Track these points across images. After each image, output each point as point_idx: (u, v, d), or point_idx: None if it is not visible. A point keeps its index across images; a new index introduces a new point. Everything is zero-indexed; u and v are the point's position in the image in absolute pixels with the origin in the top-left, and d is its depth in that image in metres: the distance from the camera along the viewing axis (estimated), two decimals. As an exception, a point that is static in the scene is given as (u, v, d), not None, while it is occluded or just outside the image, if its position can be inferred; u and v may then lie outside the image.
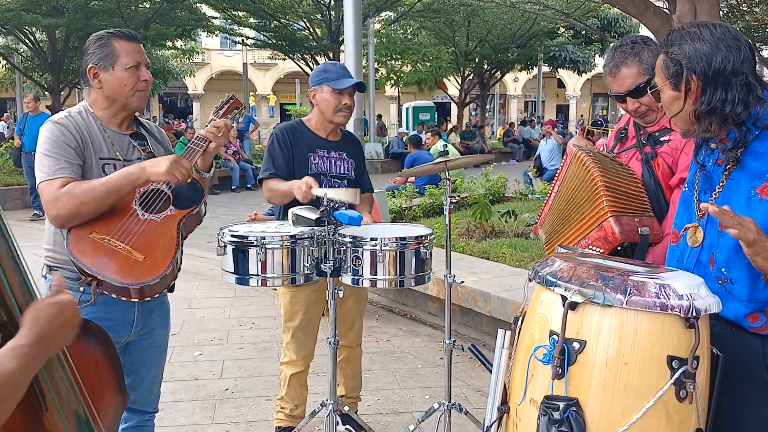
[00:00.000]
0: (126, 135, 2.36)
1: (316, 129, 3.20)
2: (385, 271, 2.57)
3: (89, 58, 2.27)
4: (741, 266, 1.70)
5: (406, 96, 33.44)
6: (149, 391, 2.52)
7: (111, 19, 17.28)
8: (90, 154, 2.23)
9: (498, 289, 4.73)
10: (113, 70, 2.25)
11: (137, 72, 2.28)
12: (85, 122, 2.27)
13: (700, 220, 1.82)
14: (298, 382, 3.29)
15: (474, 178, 9.33)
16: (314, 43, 21.10)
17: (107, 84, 2.26)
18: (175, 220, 2.27)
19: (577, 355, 1.56)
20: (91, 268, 2.08)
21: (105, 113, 2.31)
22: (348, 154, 3.24)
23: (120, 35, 2.28)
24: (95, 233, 2.15)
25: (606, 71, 2.45)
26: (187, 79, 30.88)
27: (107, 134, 2.30)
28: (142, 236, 2.17)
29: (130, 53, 2.27)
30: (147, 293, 2.17)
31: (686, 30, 1.77)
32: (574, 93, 41.27)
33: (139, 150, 2.36)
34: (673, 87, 1.77)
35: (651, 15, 6.46)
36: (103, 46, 2.26)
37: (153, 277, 2.13)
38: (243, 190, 14.74)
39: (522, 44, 23.97)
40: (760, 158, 1.71)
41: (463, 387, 4.08)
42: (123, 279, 2.10)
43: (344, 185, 3.18)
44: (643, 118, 2.43)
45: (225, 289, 6.22)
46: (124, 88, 2.26)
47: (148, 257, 2.15)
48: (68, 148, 2.18)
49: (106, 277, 2.09)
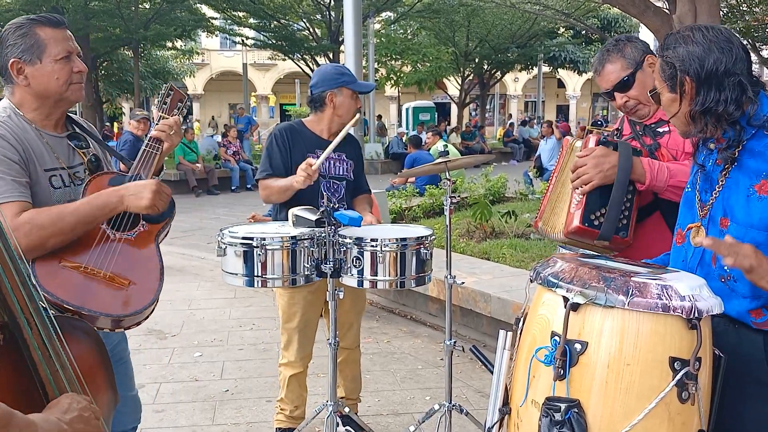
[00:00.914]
0: (63, 138, 2.09)
1: (320, 130, 3.18)
2: (386, 272, 2.56)
3: (10, 51, 1.95)
4: None
5: (406, 96, 33.46)
6: (131, 409, 2.36)
7: (111, 20, 17.33)
8: (34, 166, 1.95)
9: (498, 290, 4.73)
10: (41, 63, 1.96)
11: (69, 63, 2.00)
12: (20, 128, 1.97)
13: (702, 219, 1.85)
14: (298, 384, 3.29)
15: (474, 179, 9.33)
16: (314, 44, 21.11)
17: (35, 80, 1.97)
18: (151, 236, 2.06)
19: (578, 357, 1.56)
20: (73, 303, 1.83)
21: (36, 114, 2.02)
22: (348, 155, 3.23)
23: (44, 21, 1.99)
24: (65, 262, 1.89)
25: (593, 72, 2.54)
26: (187, 79, 30.86)
27: (45, 139, 2.02)
28: (120, 259, 1.96)
29: (59, 42, 1.98)
30: (134, 321, 1.96)
31: (680, 34, 1.82)
32: (574, 93, 41.29)
33: (80, 154, 2.11)
34: (670, 89, 1.82)
35: (651, 15, 6.46)
36: (25, 35, 1.95)
37: (144, 303, 1.94)
38: (243, 191, 14.74)
39: (522, 44, 23.98)
40: (758, 156, 1.74)
41: (463, 388, 4.07)
42: (112, 311, 1.89)
43: (343, 187, 3.18)
44: (634, 113, 2.46)
45: (225, 290, 6.22)
46: (56, 83, 1.98)
47: (133, 282, 1.95)
48: (11, 163, 1.88)
49: (92, 311, 1.85)
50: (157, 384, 4.13)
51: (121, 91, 23.34)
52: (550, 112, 41.17)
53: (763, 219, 1.69)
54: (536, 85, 29.58)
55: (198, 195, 13.57)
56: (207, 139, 18.09)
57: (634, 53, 2.40)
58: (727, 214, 1.78)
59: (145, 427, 3.51)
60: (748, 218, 1.72)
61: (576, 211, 2.29)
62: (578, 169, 2.28)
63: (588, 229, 2.26)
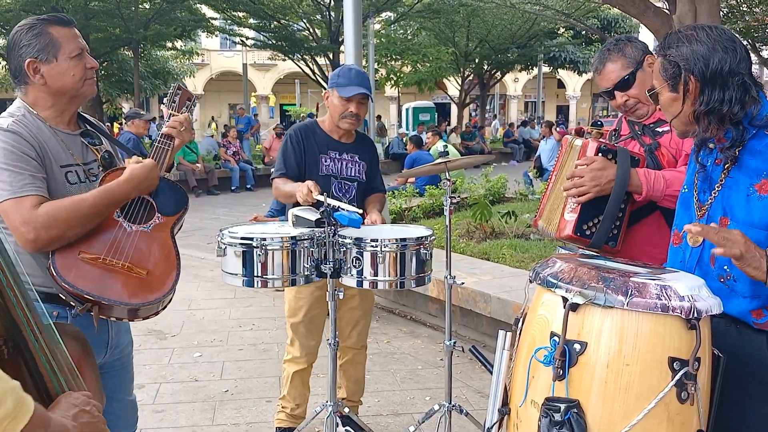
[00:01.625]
0: (77, 135, 2.15)
1: (329, 131, 3.19)
2: (386, 272, 2.56)
3: (25, 51, 2.00)
4: None
5: (406, 96, 33.43)
6: (129, 414, 2.36)
7: (111, 20, 17.32)
8: (50, 162, 2.01)
9: (498, 290, 4.73)
10: (57, 62, 2.01)
11: (82, 60, 2.06)
12: (35, 126, 2.02)
13: (700, 220, 1.84)
14: (301, 381, 3.29)
15: (474, 179, 9.33)
16: (314, 44, 21.09)
17: (51, 78, 2.02)
18: (167, 228, 2.13)
19: (578, 357, 1.56)
20: (93, 293, 1.89)
21: (50, 112, 2.07)
22: (360, 156, 3.23)
23: (55, 20, 2.05)
24: (84, 253, 1.95)
25: (593, 71, 2.56)
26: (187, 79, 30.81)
27: (59, 137, 2.07)
28: (137, 250, 2.02)
29: (71, 40, 2.04)
30: (152, 311, 2.03)
31: (683, 33, 1.81)
32: (574, 93, 41.27)
33: (93, 151, 2.17)
34: (671, 89, 1.81)
35: (651, 15, 6.46)
36: (39, 35, 2.00)
37: (161, 292, 2.00)
38: (243, 191, 14.73)
39: (522, 44, 23.97)
40: (758, 156, 1.74)
41: (463, 388, 4.07)
42: (131, 300, 1.94)
43: (354, 188, 3.18)
44: (634, 112, 2.48)
45: (225, 290, 6.22)
46: (71, 80, 2.04)
47: (151, 272, 2.01)
48: (29, 159, 1.94)
49: (112, 300, 1.91)
50: (156, 384, 4.13)
51: (121, 91, 23.31)
52: (550, 112, 41.15)
53: (763, 218, 1.69)
54: (536, 85, 29.56)
55: (198, 195, 13.56)
56: (207, 139, 18.07)
57: (635, 53, 2.43)
58: (726, 213, 1.78)
59: (145, 428, 3.51)
60: (748, 217, 1.72)
61: (570, 218, 2.32)
62: (574, 179, 2.29)
63: (579, 238, 2.31)
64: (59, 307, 1.97)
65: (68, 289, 1.89)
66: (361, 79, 3.13)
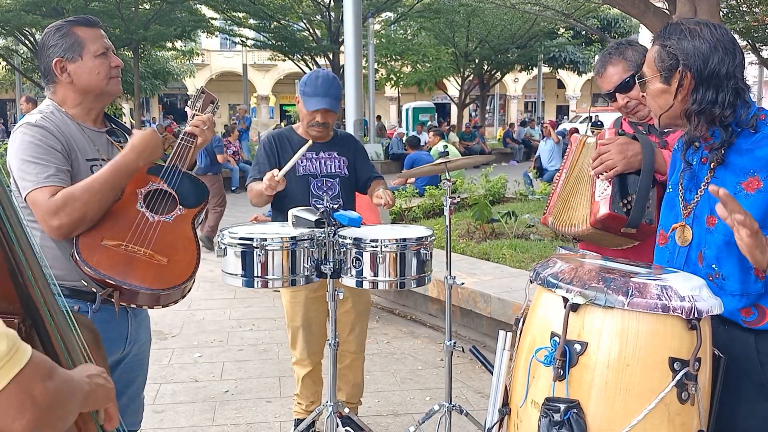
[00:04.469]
0: (103, 132, 2.23)
1: (304, 134, 3.19)
2: (386, 272, 2.56)
3: (53, 51, 2.09)
4: (731, 261, 1.72)
5: (406, 97, 33.44)
6: (136, 411, 2.38)
7: (111, 20, 17.30)
8: (76, 156, 2.08)
9: (498, 291, 4.73)
10: (82, 60, 2.09)
11: (107, 58, 2.14)
12: (62, 122, 2.10)
13: (686, 219, 1.83)
14: (311, 380, 3.34)
15: (474, 179, 9.33)
16: (314, 44, 21.10)
17: (78, 76, 2.10)
18: (188, 220, 2.21)
19: (578, 357, 1.56)
20: (115, 277, 1.94)
21: (78, 110, 2.15)
22: (340, 152, 3.22)
23: (81, 21, 2.14)
24: (107, 240, 2.02)
25: (595, 74, 2.59)
26: (187, 80, 30.83)
27: (86, 133, 2.15)
28: (159, 239, 2.08)
29: (96, 39, 2.13)
30: (172, 298, 2.09)
31: (686, 25, 1.76)
32: (574, 93, 41.26)
33: (118, 148, 2.24)
34: (663, 80, 1.78)
35: (651, 16, 6.47)
36: (65, 35, 2.10)
37: (182, 279, 2.06)
38: (242, 191, 14.72)
39: (522, 45, 23.97)
40: (745, 155, 1.73)
41: (463, 388, 4.07)
42: (152, 285, 1.99)
43: (337, 184, 3.18)
44: (635, 114, 2.50)
45: (225, 290, 6.22)
46: (97, 78, 2.12)
47: (172, 260, 2.07)
48: (55, 152, 2.02)
49: (133, 286, 1.96)
50: (157, 384, 4.13)
51: (121, 91, 23.37)
52: (550, 112, 41.15)
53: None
54: (536, 85, 29.58)
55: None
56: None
57: (635, 56, 2.46)
58: (713, 212, 1.77)
59: (145, 428, 3.50)
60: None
61: (602, 199, 2.30)
62: (601, 156, 2.30)
63: (617, 215, 2.26)
64: (81, 302, 2.02)
65: (90, 273, 1.94)
66: (327, 88, 3.07)
